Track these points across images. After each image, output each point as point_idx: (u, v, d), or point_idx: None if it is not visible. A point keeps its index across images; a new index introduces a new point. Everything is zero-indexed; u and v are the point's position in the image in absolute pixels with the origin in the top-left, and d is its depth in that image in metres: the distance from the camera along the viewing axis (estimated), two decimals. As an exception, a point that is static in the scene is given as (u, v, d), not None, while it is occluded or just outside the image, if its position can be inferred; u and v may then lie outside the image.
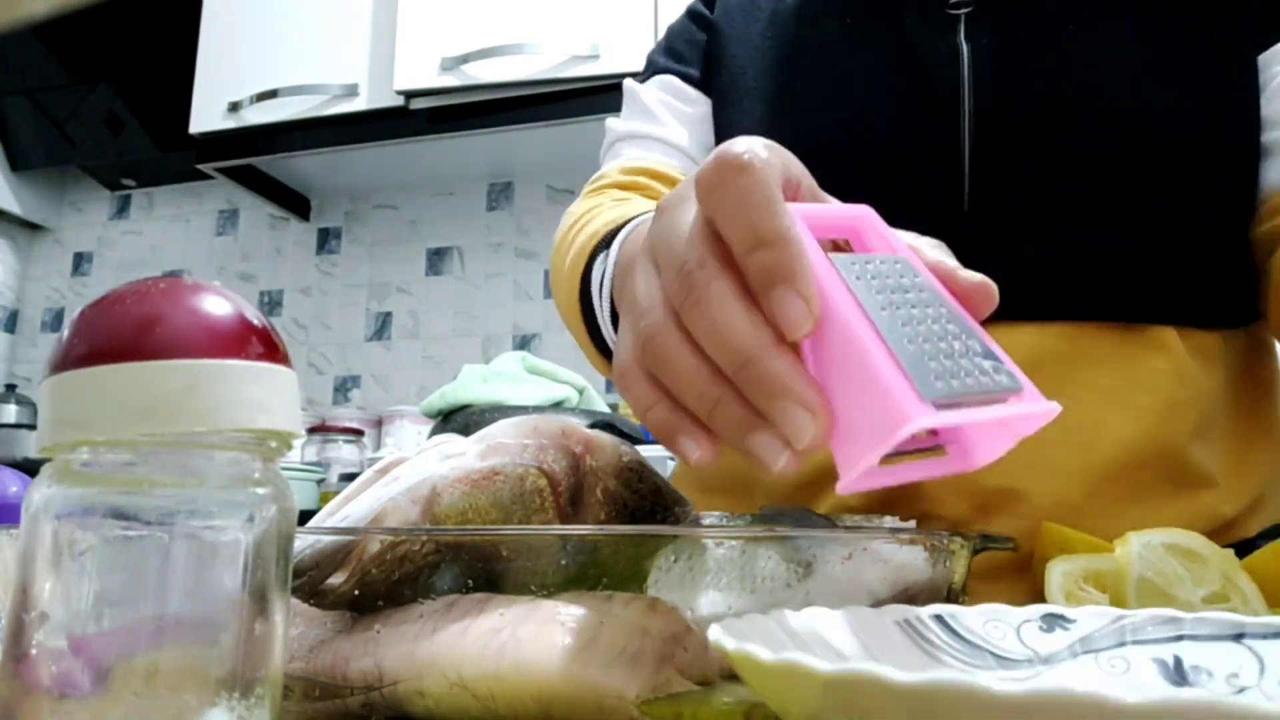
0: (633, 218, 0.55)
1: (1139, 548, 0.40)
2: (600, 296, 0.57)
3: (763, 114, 0.71)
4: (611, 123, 0.79)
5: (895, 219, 0.35)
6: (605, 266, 0.55)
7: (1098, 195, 0.62)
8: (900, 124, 0.63)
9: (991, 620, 0.32)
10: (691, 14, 0.79)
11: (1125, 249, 0.62)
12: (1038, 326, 0.61)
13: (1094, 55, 0.64)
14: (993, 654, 0.31)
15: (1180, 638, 0.30)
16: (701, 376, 0.31)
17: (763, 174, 0.30)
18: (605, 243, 0.57)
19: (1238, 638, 0.29)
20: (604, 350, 0.62)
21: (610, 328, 0.57)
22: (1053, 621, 0.31)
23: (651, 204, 0.65)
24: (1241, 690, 0.28)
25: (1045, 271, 0.61)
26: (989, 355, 0.29)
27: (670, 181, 0.73)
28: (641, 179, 0.73)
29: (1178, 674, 0.29)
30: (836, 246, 0.34)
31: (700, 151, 0.76)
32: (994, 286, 0.34)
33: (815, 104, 0.69)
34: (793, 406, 0.29)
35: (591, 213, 0.67)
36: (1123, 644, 0.30)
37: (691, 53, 0.77)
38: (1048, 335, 0.61)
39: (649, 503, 0.40)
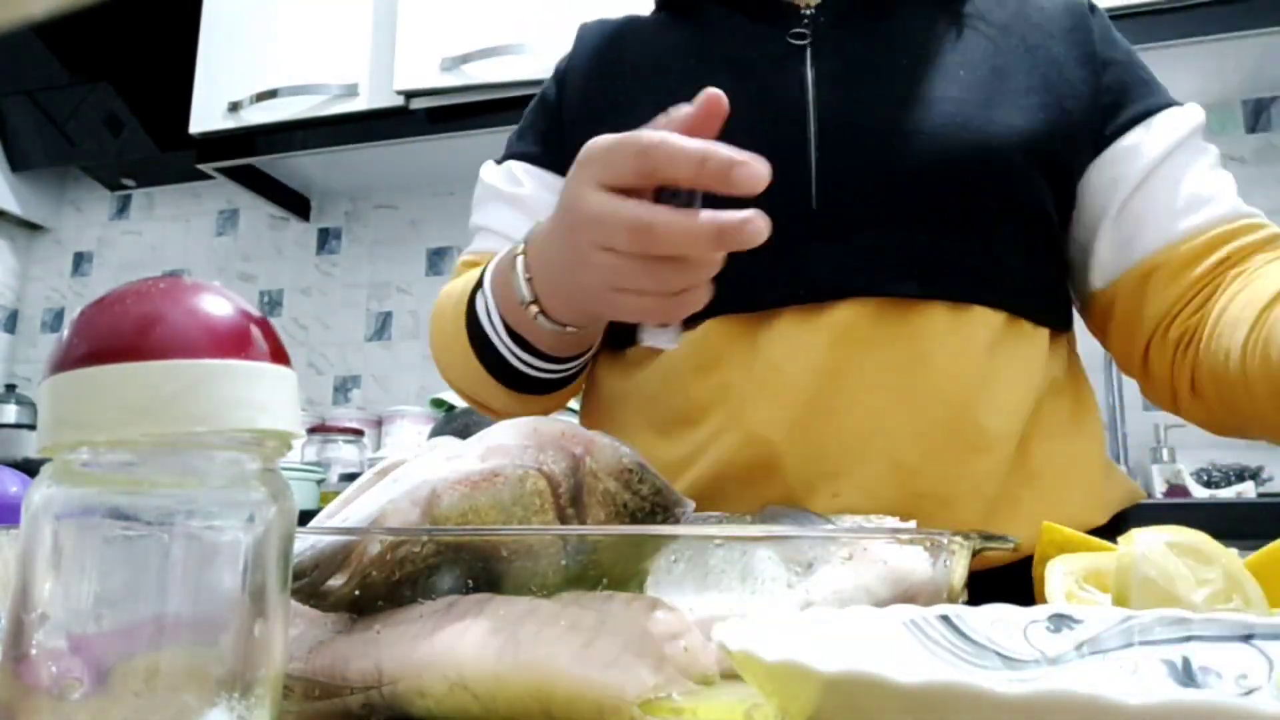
0: (483, 272, 0.69)
1: (1143, 546, 0.40)
2: (490, 317, 0.68)
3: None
4: (481, 186, 0.89)
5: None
6: (485, 298, 0.68)
7: (925, 197, 0.70)
8: (751, 137, 0.67)
9: (998, 621, 0.32)
10: (541, 99, 0.88)
11: (951, 241, 0.70)
12: (875, 300, 0.69)
13: (922, 81, 0.72)
14: (999, 655, 0.31)
15: (1189, 639, 0.30)
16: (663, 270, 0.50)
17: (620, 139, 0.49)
18: (476, 287, 0.70)
19: (1246, 639, 0.29)
20: (497, 373, 0.72)
21: (506, 337, 0.68)
22: (1060, 622, 0.31)
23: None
24: (1250, 691, 0.28)
25: (879, 256, 0.69)
26: None
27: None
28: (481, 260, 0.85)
29: (1186, 675, 0.29)
30: None
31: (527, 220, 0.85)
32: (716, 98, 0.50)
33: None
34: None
35: (456, 286, 0.79)
36: (1130, 645, 0.30)
37: (534, 135, 0.86)
38: (881, 306, 0.69)
39: (649, 503, 0.40)
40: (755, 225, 0.46)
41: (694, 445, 0.70)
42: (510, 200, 0.84)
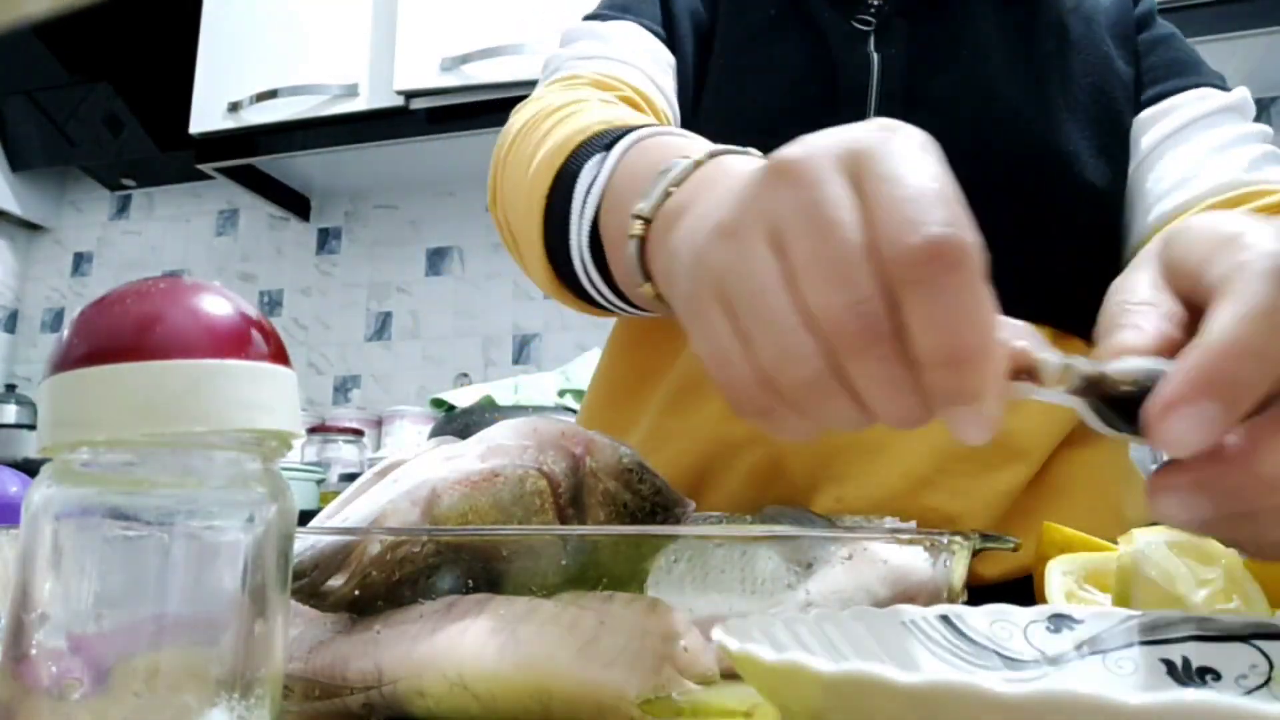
0: (634, 127, 0.51)
1: (1143, 545, 0.40)
2: (585, 203, 0.50)
3: (694, 85, 0.73)
4: (560, 51, 0.73)
5: None
6: (599, 172, 0.49)
7: (979, 199, 0.65)
8: (809, 119, 0.65)
9: (998, 621, 0.32)
10: None
11: (1000, 247, 0.65)
12: None
13: (988, 78, 0.68)
14: (999, 655, 0.31)
15: (1189, 638, 0.30)
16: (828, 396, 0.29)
17: (975, 272, 0.27)
18: (599, 146, 0.51)
19: (1246, 639, 0.29)
20: (553, 250, 0.55)
21: (584, 235, 0.51)
22: (1060, 622, 0.31)
23: (648, 120, 0.59)
24: (1251, 691, 0.28)
25: None
26: None
27: (658, 114, 0.69)
28: (627, 92, 0.67)
29: (1186, 675, 0.29)
30: None
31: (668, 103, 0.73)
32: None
33: (742, 84, 0.72)
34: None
35: (576, 106, 0.60)
36: (1131, 645, 0.30)
37: (650, 7, 0.75)
38: None
39: (649, 503, 0.40)
40: None
41: (702, 418, 0.68)
42: (653, 57, 0.72)
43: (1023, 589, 0.56)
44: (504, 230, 0.67)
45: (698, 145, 0.43)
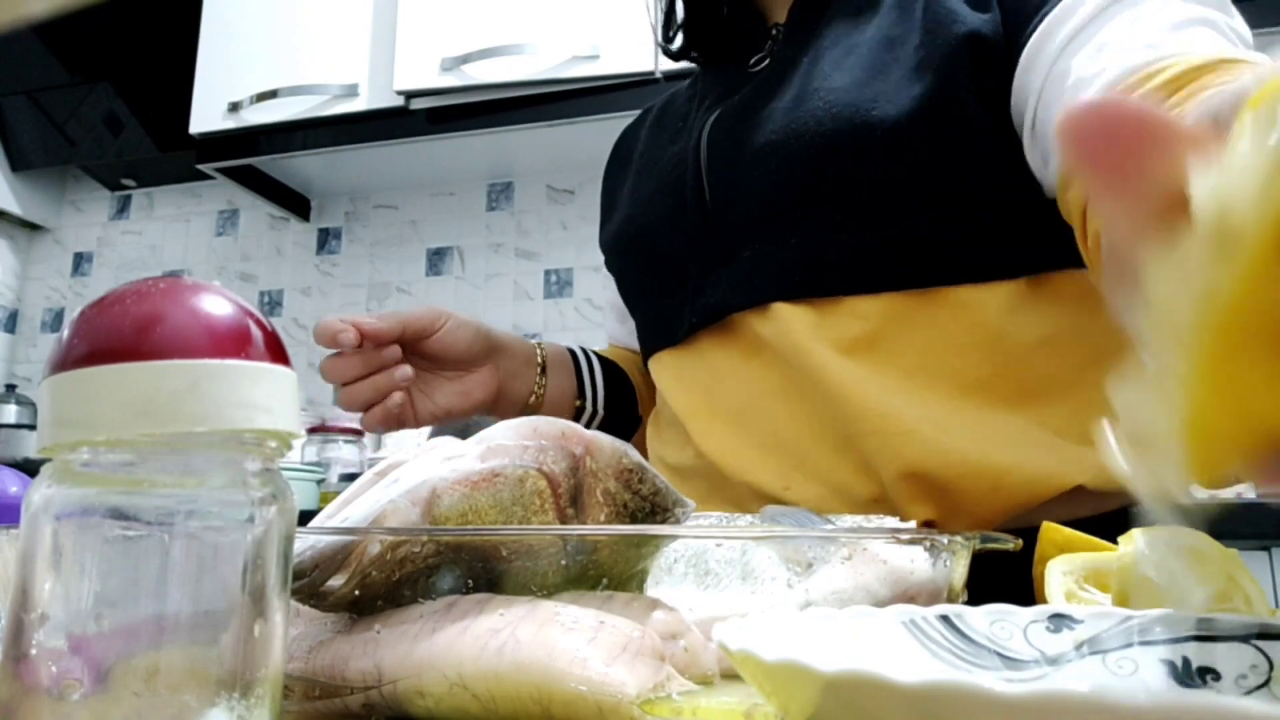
0: None
1: (1143, 545, 0.40)
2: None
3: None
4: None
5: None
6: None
7: (807, 197, 0.70)
8: (664, 195, 0.80)
9: (998, 621, 0.32)
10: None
11: (828, 238, 0.69)
12: (756, 311, 0.72)
13: (812, 79, 0.72)
14: (999, 655, 0.31)
15: (1189, 638, 0.30)
16: None
17: None
18: None
19: (1246, 639, 0.29)
20: None
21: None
22: (1060, 622, 0.31)
23: None
24: (1251, 691, 0.28)
25: (759, 268, 0.72)
26: None
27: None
28: None
29: (1186, 675, 0.29)
30: None
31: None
32: None
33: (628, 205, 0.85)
34: None
35: None
36: (1130, 645, 0.30)
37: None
38: (762, 317, 0.71)
39: (649, 504, 0.40)
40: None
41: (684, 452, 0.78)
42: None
43: (1023, 589, 0.57)
44: None
45: None
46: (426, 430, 2.02)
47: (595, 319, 2.16)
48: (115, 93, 2.26)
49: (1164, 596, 0.39)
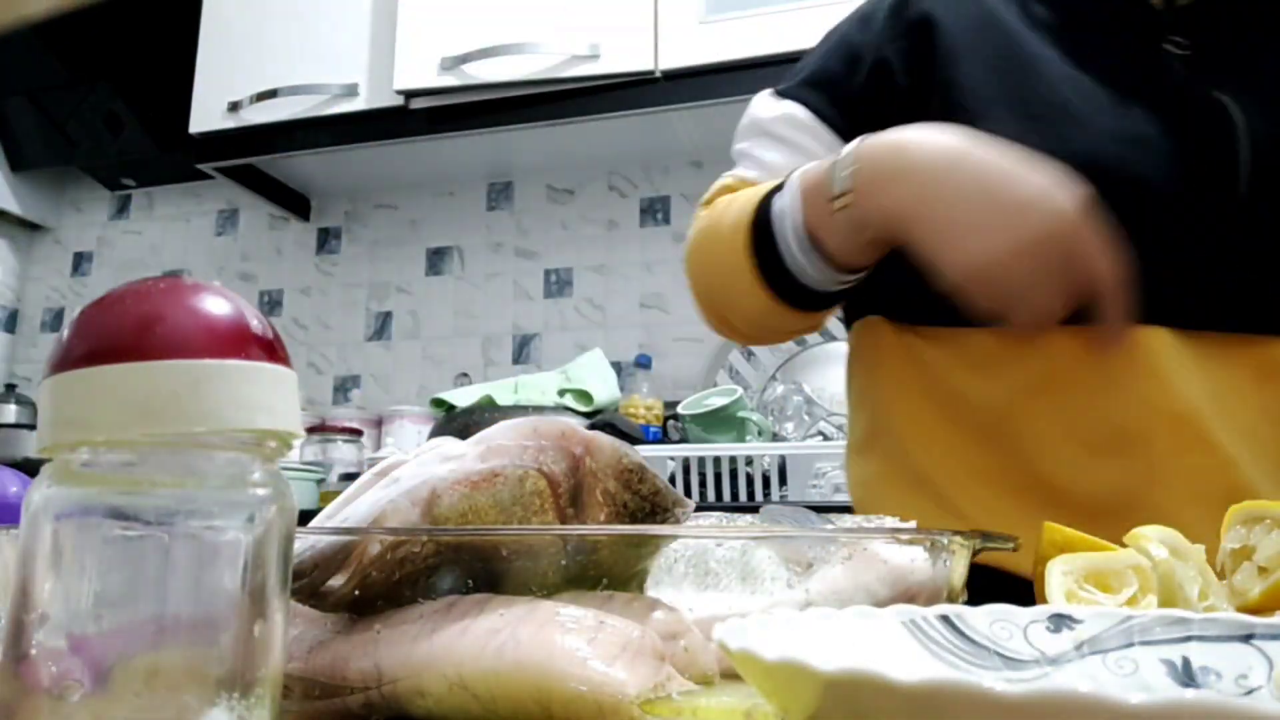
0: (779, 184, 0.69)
1: (1157, 550, 0.40)
2: (783, 215, 0.67)
3: (1017, 129, 0.71)
4: (752, 119, 0.83)
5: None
6: (784, 201, 0.67)
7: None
8: (1172, 156, 0.70)
9: (998, 621, 0.32)
10: (852, 60, 0.79)
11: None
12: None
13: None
14: (999, 655, 0.31)
15: (1189, 639, 0.30)
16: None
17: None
18: (776, 190, 0.69)
19: (1246, 639, 0.29)
20: (771, 279, 0.69)
21: (793, 233, 0.67)
22: (1060, 622, 0.31)
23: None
24: (1250, 691, 0.28)
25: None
26: None
27: None
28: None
29: (1186, 675, 0.29)
30: None
31: None
32: None
33: (1084, 121, 0.72)
34: None
35: (737, 198, 0.75)
36: (1130, 645, 0.30)
37: (829, 92, 0.79)
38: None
39: (649, 504, 0.40)
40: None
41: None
42: (785, 144, 0.80)
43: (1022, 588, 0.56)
44: (706, 298, 0.78)
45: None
46: (426, 430, 2.02)
47: (595, 319, 2.16)
48: (115, 92, 2.26)
49: (1163, 596, 0.39)
